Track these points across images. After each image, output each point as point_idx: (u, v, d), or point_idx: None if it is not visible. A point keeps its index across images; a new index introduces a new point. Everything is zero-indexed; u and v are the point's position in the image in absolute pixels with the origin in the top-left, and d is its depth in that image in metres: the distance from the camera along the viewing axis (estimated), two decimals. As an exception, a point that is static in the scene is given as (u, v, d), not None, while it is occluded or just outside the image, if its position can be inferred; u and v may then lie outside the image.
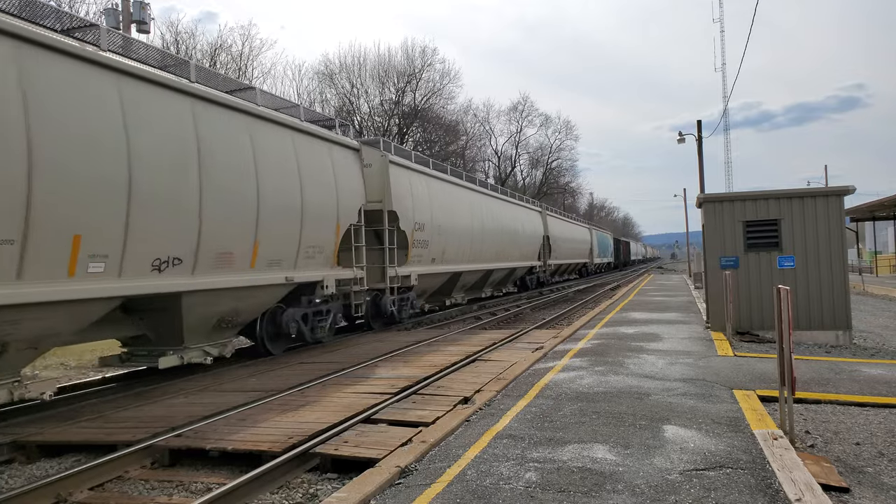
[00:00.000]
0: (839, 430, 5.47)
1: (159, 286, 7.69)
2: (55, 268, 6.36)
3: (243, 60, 33.14)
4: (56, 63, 6.52)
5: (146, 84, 7.61)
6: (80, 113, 6.67)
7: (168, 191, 7.71)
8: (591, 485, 4.10)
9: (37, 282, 6.18)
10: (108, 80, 7.10)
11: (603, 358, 8.83)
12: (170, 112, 7.92)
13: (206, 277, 8.42)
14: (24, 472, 5.52)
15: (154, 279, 7.62)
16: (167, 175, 7.71)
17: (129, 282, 7.24)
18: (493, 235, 21.62)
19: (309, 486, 4.88)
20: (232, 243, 8.88)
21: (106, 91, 7.04)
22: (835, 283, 10.65)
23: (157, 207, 7.54)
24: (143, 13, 19.67)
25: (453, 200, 18.30)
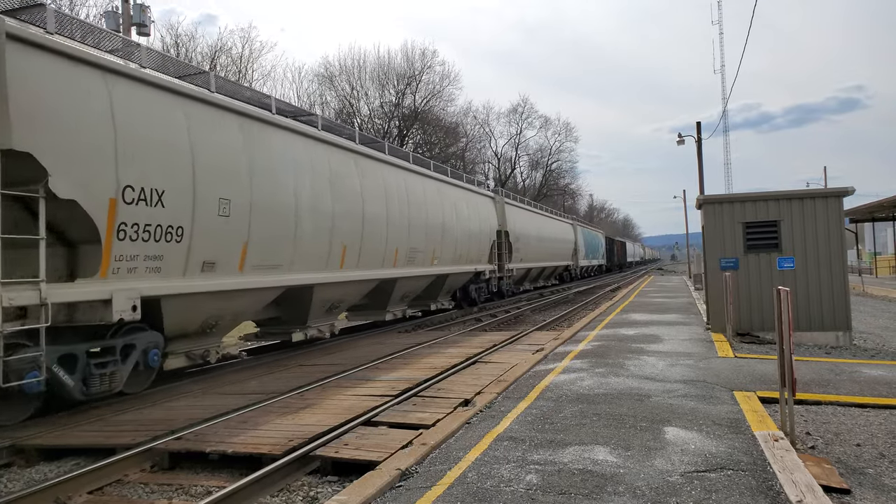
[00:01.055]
0: (840, 432, 5.46)
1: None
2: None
3: (243, 63, 33.21)
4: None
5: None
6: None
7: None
8: (592, 487, 4.10)
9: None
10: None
11: (603, 360, 8.83)
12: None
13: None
14: (23, 475, 5.50)
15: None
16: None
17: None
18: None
19: (309, 488, 4.87)
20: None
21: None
22: (834, 284, 10.65)
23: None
24: (144, 16, 19.68)
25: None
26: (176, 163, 8.02)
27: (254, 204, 9.30)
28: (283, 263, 10.07)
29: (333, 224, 11.36)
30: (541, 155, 63.31)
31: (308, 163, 10.84)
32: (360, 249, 12.40)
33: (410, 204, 14.90)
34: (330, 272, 11.40)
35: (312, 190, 10.78)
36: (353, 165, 12.44)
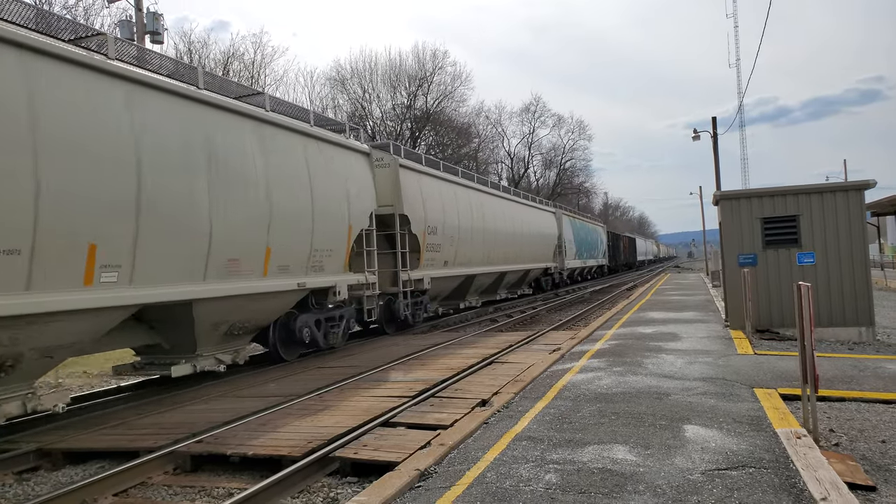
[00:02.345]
0: (864, 428, 5.38)
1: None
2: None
3: (255, 68, 33.46)
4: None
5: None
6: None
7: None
8: (612, 486, 4.08)
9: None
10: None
11: (621, 358, 8.77)
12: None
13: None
14: (49, 478, 5.60)
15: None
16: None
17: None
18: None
19: (329, 489, 4.91)
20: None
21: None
22: (856, 278, 10.48)
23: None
24: (157, 24, 19.93)
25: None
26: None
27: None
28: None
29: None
30: (554, 154, 63.09)
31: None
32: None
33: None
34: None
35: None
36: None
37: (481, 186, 20.48)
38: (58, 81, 6.40)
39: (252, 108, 9.31)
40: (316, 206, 10.52)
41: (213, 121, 8.49)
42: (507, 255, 21.67)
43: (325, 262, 10.89)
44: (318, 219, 10.57)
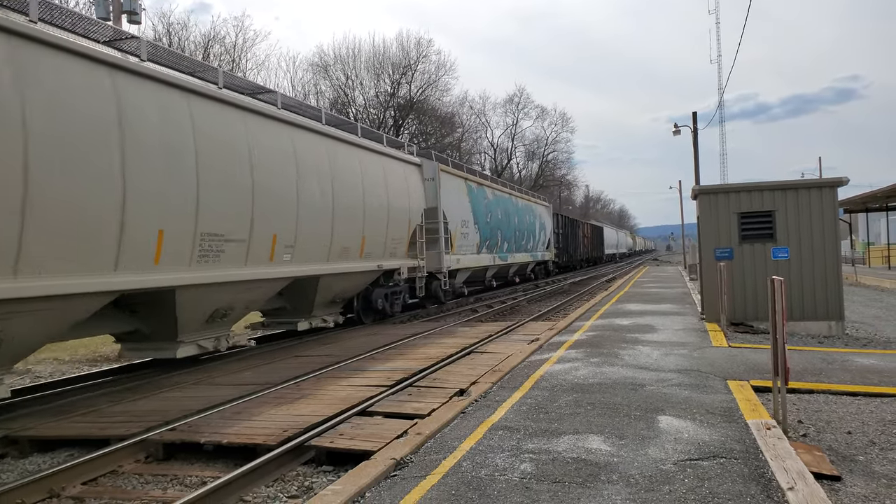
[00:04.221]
0: (831, 420, 5.50)
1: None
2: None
3: (237, 52, 32.95)
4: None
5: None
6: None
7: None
8: (586, 475, 4.12)
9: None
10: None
11: (598, 349, 8.85)
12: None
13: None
14: (16, 466, 5.50)
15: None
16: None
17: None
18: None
19: (304, 478, 4.88)
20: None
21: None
22: (828, 274, 10.69)
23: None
24: (135, 4, 19.44)
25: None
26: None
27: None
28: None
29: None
30: (537, 145, 63.16)
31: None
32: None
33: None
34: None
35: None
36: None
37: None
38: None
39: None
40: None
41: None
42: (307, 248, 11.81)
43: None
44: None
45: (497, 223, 22.86)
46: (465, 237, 19.37)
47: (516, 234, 25.44)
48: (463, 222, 19.09)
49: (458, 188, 18.89)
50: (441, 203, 16.97)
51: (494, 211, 22.66)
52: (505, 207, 24.26)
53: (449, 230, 17.49)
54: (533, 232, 28.77)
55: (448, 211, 17.54)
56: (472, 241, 20.17)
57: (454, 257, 17.97)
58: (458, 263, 18.53)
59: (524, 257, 26.99)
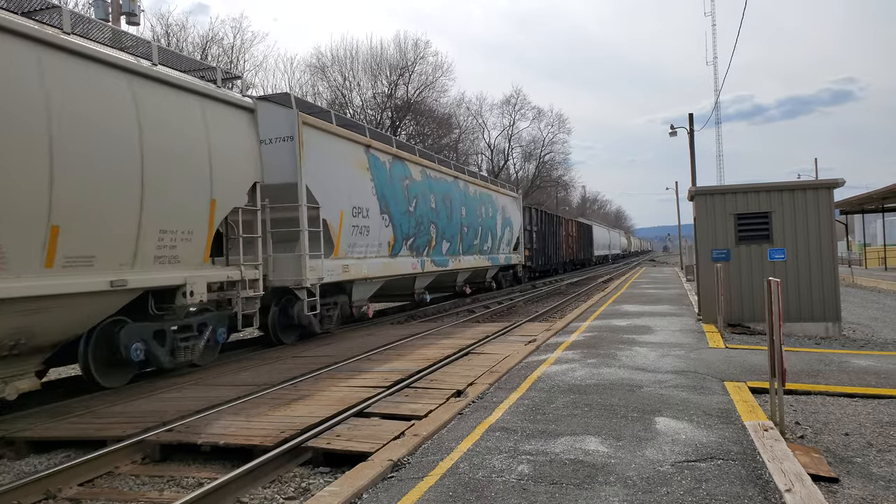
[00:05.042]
0: (829, 421, 5.51)
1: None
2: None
3: (235, 53, 32.91)
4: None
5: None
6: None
7: None
8: (584, 477, 4.11)
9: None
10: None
11: (595, 350, 8.86)
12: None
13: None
14: (12, 468, 5.47)
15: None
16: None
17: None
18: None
19: (301, 480, 4.87)
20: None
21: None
22: (825, 275, 10.72)
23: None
24: (133, 5, 19.42)
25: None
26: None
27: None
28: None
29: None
30: (534, 146, 63.18)
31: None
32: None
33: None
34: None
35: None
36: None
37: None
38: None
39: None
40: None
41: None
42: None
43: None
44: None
45: (429, 214, 16.12)
46: (363, 233, 12.87)
47: (464, 230, 18.90)
48: (357, 210, 12.54)
49: (348, 158, 12.46)
50: (306, 177, 10.71)
51: (424, 197, 15.96)
52: (445, 193, 17.52)
53: (326, 222, 11.36)
54: (492, 228, 21.87)
55: (323, 191, 11.30)
56: (379, 238, 13.56)
57: (337, 263, 11.76)
58: (347, 273, 12.05)
59: (478, 261, 20.35)
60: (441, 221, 17.22)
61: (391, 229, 14.17)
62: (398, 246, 14.58)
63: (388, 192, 14.06)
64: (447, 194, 17.84)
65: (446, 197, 17.75)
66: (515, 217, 25.29)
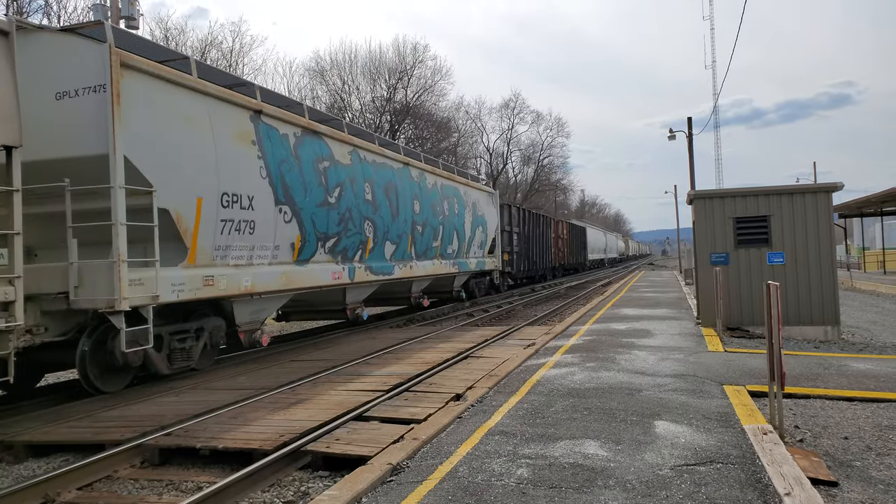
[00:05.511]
0: (828, 425, 5.51)
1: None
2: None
3: (234, 57, 32.95)
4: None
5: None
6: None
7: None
8: (583, 480, 4.11)
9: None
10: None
11: (594, 354, 8.86)
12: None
13: None
14: (11, 472, 5.46)
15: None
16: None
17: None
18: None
19: (300, 484, 4.86)
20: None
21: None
22: (823, 278, 10.74)
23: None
24: (132, 9, 19.48)
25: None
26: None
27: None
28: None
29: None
30: (532, 150, 63.22)
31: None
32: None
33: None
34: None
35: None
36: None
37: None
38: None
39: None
40: None
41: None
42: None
43: None
44: None
45: (362, 208, 12.43)
46: (244, 230, 9.07)
47: (418, 229, 15.24)
48: (231, 198, 8.76)
49: (218, 124, 8.64)
50: (127, 145, 7.24)
51: (355, 186, 12.18)
52: (389, 183, 13.78)
53: (172, 213, 7.86)
54: (459, 228, 18.16)
55: (165, 168, 7.78)
56: (275, 238, 9.77)
57: (195, 273, 8.20)
58: (212, 287, 8.42)
59: (440, 267, 16.75)
60: (382, 218, 13.37)
61: (296, 226, 10.24)
62: (309, 249, 10.73)
63: (292, 176, 10.13)
64: (391, 184, 13.94)
65: (390, 187, 13.88)
66: (490, 215, 21.52)
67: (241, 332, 9.52)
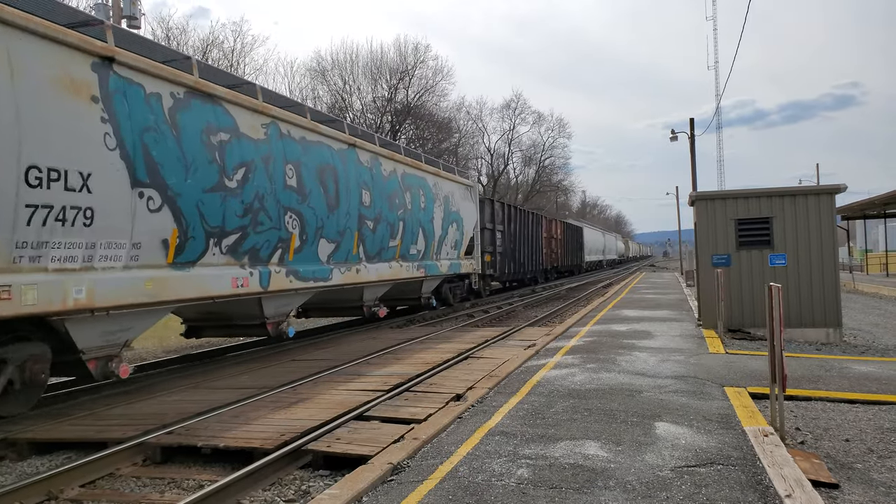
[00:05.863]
0: (829, 427, 5.51)
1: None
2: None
3: (235, 57, 33.01)
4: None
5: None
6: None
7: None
8: (583, 481, 4.12)
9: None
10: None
11: (595, 355, 8.86)
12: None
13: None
14: (14, 469, 5.48)
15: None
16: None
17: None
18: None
19: (301, 482, 4.88)
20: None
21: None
22: (826, 281, 10.73)
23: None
24: (134, 8, 19.54)
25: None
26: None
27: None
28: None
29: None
30: (534, 151, 63.19)
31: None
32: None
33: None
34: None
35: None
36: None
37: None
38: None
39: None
40: None
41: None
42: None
43: None
44: None
45: (282, 197, 9.80)
46: (72, 220, 6.51)
47: (367, 224, 12.46)
48: (50, 175, 6.26)
49: (21, 62, 6.02)
50: None
51: (271, 168, 9.58)
52: (324, 167, 11.08)
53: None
54: (425, 225, 15.44)
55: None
56: (133, 233, 7.31)
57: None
58: (28, 302, 6.02)
59: (400, 270, 14.08)
60: (314, 210, 10.57)
61: (169, 217, 7.78)
62: (195, 247, 8.24)
63: (163, 149, 7.70)
64: (329, 168, 11.13)
65: (327, 172, 11.07)
66: (468, 211, 18.89)
67: (91, 362, 7.02)
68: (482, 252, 20.78)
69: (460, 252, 18.41)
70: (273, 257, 9.71)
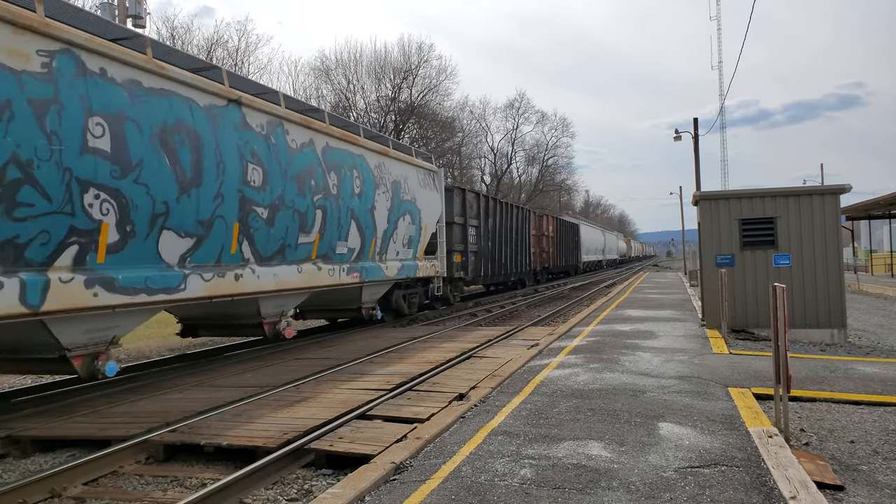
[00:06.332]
0: (834, 429, 5.48)
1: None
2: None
3: (239, 56, 33.04)
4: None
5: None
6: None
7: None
8: (586, 482, 4.10)
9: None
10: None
11: (598, 355, 8.84)
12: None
13: None
14: (18, 466, 5.50)
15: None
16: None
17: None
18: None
19: (304, 481, 4.88)
20: None
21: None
22: (830, 281, 10.68)
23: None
24: (139, 8, 19.55)
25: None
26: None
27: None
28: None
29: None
30: (537, 150, 63.05)
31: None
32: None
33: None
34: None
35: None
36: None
37: None
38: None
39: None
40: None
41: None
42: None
43: None
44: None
45: (74, 165, 6.34)
46: None
47: (255, 212, 9.01)
48: None
49: None
50: None
51: (60, 114, 6.17)
52: (174, 126, 7.62)
53: None
54: (362, 216, 12.08)
55: None
56: None
57: None
58: None
59: (319, 275, 10.77)
60: (147, 187, 7.25)
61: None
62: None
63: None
64: (184, 129, 7.79)
65: (178, 135, 7.69)
66: (429, 201, 15.46)
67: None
68: (449, 251, 17.43)
69: (417, 251, 14.92)
70: (60, 258, 6.30)
